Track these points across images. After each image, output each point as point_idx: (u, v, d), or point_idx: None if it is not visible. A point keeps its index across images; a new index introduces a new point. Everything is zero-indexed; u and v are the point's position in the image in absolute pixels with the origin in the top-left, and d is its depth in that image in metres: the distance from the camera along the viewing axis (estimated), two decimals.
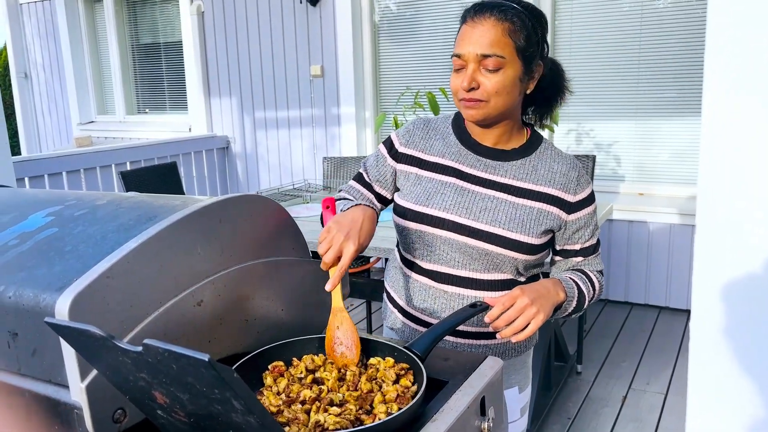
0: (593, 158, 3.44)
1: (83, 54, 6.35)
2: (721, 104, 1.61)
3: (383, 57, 4.77)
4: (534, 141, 1.37)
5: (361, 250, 1.16)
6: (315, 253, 1.18)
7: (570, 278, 1.32)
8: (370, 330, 3.65)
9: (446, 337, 1.38)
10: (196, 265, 0.99)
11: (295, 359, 1.08)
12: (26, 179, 4.04)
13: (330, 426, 0.88)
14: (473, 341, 1.39)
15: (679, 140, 3.93)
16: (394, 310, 1.48)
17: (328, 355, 1.08)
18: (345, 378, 1.02)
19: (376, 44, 4.76)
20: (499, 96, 1.24)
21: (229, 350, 1.07)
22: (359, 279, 3.36)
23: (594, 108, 4.12)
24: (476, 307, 1.16)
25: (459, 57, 1.25)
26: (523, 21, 1.23)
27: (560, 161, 1.35)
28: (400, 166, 1.41)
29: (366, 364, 1.07)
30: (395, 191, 1.44)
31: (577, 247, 1.36)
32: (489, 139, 1.35)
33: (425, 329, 1.26)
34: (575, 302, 1.29)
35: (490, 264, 1.32)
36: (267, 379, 1.02)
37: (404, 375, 1.01)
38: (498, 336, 1.15)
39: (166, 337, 0.94)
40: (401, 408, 0.90)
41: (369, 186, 1.45)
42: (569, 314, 1.31)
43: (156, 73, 6.07)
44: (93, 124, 6.45)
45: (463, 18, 1.27)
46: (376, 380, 1.01)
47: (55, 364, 0.88)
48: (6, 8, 6.58)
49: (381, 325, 3.79)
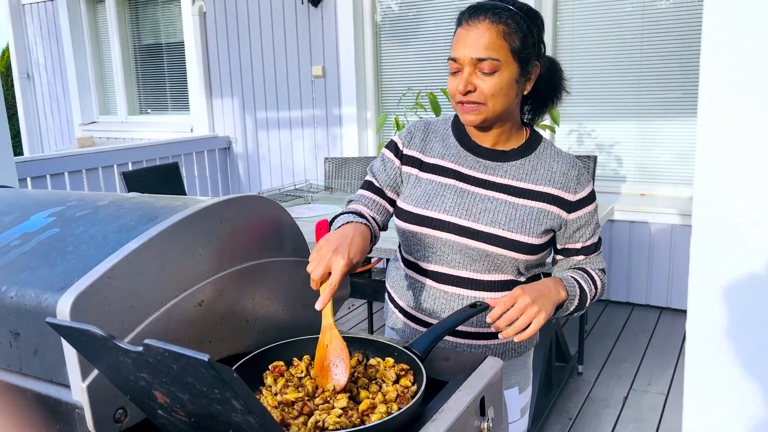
0: (594, 159, 3.44)
1: (85, 54, 6.37)
2: (718, 104, 1.61)
3: (385, 57, 4.77)
4: (533, 141, 1.37)
5: (352, 266, 1.10)
6: None
7: (571, 277, 1.32)
8: (372, 330, 3.65)
9: (446, 338, 1.39)
10: (197, 266, 0.99)
11: (296, 359, 1.08)
12: (28, 179, 4.04)
13: (330, 426, 0.88)
14: (473, 341, 1.39)
15: (681, 141, 3.93)
16: (395, 311, 1.48)
17: (316, 375, 1.02)
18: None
19: (378, 45, 4.77)
20: (496, 98, 1.24)
21: (230, 350, 1.07)
22: (361, 279, 3.37)
23: (595, 108, 4.12)
24: (476, 308, 1.16)
25: (455, 60, 1.25)
26: (518, 23, 1.23)
27: (560, 160, 1.35)
28: (404, 168, 1.41)
29: (366, 364, 1.07)
30: None
31: (578, 246, 1.37)
32: (488, 140, 1.35)
33: (426, 329, 1.27)
34: (577, 301, 1.29)
35: (491, 265, 1.32)
36: (267, 379, 1.03)
37: (404, 375, 1.01)
38: (500, 336, 1.14)
39: (167, 338, 0.94)
40: (401, 408, 0.91)
41: (380, 192, 1.42)
42: (571, 313, 1.31)
43: (158, 74, 6.08)
44: (95, 125, 6.46)
45: (459, 21, 1.27)
46: (376, 380, 1.01)
47: (57, 364, 0.88)
48: (8, 9, 6.60)
49: (382, 326, 3.79)
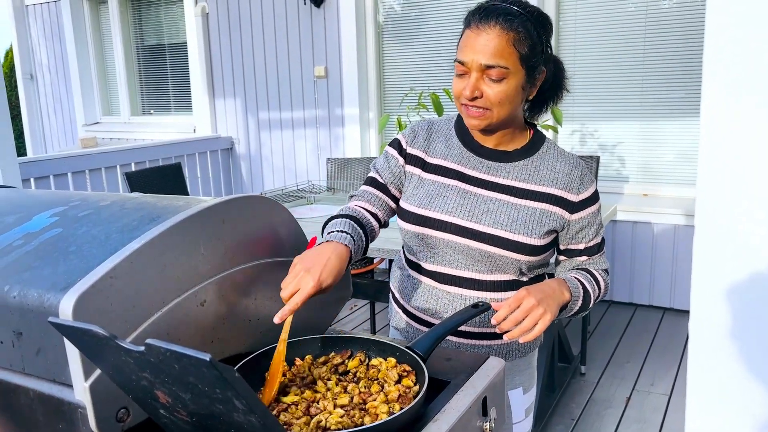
0: (597, 159, 3.44)
1: (88, 55, 6.38)
2: (721, 104, 1.61)
3: (387, 58, 4.77)
4: (536, 141, 1.37)
5: (322, 287, 1.09)
6: None
7: (575, 278, 1.31)
8: (374, 331, 3.65)
9: (450, 338, 1.39)
10: (199, 266, 0.99)
11: (298, 359, 1.08)
12: (32, 180, 4.05)
13: (332, 426, 0.89)
14: (477, 342, 1.39)
15: (684, 141, 3.92)
16: (399, 311, 1.48)
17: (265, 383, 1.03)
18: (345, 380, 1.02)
19: (380, 45, 4.77)
20: (502, 105, 1.23)
21: (232, 350, 1.07)
22: (363, 280, 3.37)
23: (598, 108, 4.11)
24: (478, 308, 1.16)
25: (462, 64, 1.24)
26: (528, 30, 1.21)
27: (563, 161, 1.34)
28: (407, 167, 1.41)
29: (368, 365, 1.07)
30: None
31: (581, 247, 1.36)
32: (491, 141, 1.35)
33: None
34: (580, 301, 1.29)
35: (493, 265, 1.32)
36: None
37: (406, 375, 1.01)
38: (505, 337, 1.13)
39: (169, 337, 0.94)
40: (403, 408, 0.91)
41: (384, 188, 1.42)
42: (575, 313, 1.31)
43: (161, 75, 6.09)
44: (98, 125, 6.47)
45: (467, 22, 1.25)
46: (378, 380, 1.01)
47: (59, 364, 0.89)
48: (12, 10, 6.61)
49: (384, 326, 3.80)
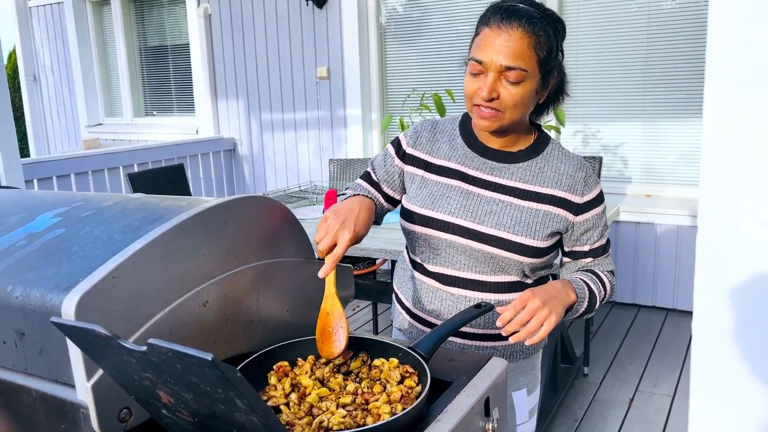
0: (600, 160, 3.43)
1: (91, 57, 6.39)
2: (724, 104, 1.60)
3: (389, 59, 4.78)
4: (541, 142, 1.36)
5: (357, 239, 1.17)
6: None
7: (580, 279, 1.31)
8: (377, 331, 3.65)
9: (453, 339, 1.38)
10: (202, 266, 0.99)
11: (300, 359, 1.08)
12: (35, 181, 4.06)
13: (334, 426, 0.88)
14: (481, 343, 1.38)
15: (687, 141, 3.91)
16: (402, 311, 1.48)
17: (317, 341, 1.09)
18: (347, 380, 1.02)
19: (383, 46, 4.77)
20: (516, 108, 1.23)
21: (234, 350, 1.07)
22: (366, 281, 3.37)
23: (601, 109, 4.11)
24: (480, 308, 1.16)
25: (480, 63, 1.21)
26: (548, 34, 1.20)
27: (567, 162, 1.33)
28: (407, 168, 1.41)
29: (370, 365, 1.07)
30: (403, 192, 1.44)
31: (586, 249, 1.36)
32: (496, 142, 1.34)
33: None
34: (586, 303, 1.28)
35: (496, 266, 1.32)
36: (271, 379, 1.03)
37: (409, 376, 1.01)
38: (510, 339, 1.12)
39: (172, 337, 0.94)
40: (405, 408, 0.91)
41: (377, 185, 1.45)
42: (581, 315, 1.30)
43: (163, 76, 6.11)
44: (101, 127, 6.48)
45: (486, 20, 1.22)
46: (381, 381, 1.01)
47: (62, 364, 0.89)
48: (15, 12, 6.64)
49: (387, 327, 3.80)
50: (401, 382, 1.00)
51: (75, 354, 0.84)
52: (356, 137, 4.83)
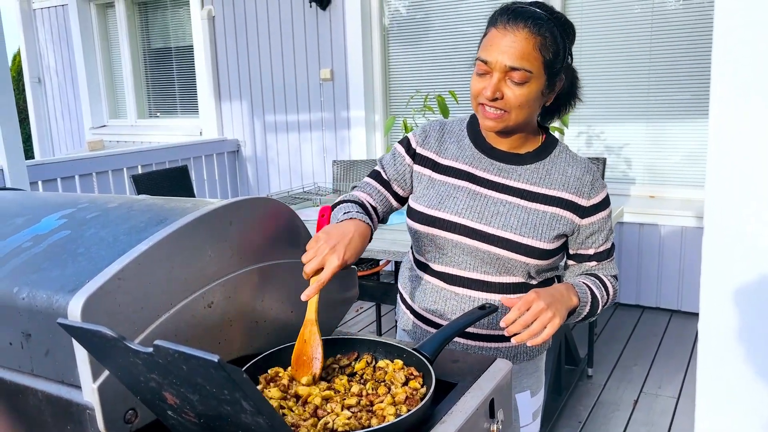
0: (603, 161, 3.43)
1: (95, 59, 6.41)
2: (729, 105, 1.60)
3: (393, 60, 4.78)
4: (548, 144, 1.36)
5: (345, 265, 1.12)
6: None
7: (583, 283, 1.31)
8: (380, 333, 3.65)
9: (458, 340, 1.38)
10: (207, 267, 0.99)
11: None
12: (39, 183, 4.07)
13: (339, 428, 0.88)
14: (485, 344, 1.38)
15: (691, 142, 3.91)
16: (407, 311, 1.48)
17: (292, 365, 1.04)
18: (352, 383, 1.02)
19: (386, 47, 4.77)
20: (521, 109, 1.23)
21: (240, 352, 1.07)
22: (369, 282, 3.37)
23: (604, 110, 4.10)
24: (485, 309, 1.16)
25: (485, 63, 1.22)
26: (555, 36, 1.20)
27: (574, 165, 1.34)
28: (416, 167, 1.41)
29: (375, 366, 1.07)
30: (412, 191, 1.44)
31: (591, 252, 1.36)
32: (504, 143, 1.35)
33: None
34: (589, 307, 1.28)
35: (502, 267, 1.32)
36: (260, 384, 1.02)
37: (413, 377, 1.01)
38: (513, 340, 1.12)
39: (177, 339, 0.95)
40: (410, 410, 0.91)
41: (387, 184, 1.43)
42: (583, 319, 1.31)
43: (167, 78, 6.12)
44: (105, 128, 6.50)
45: (494, 20, 1.23)
46: (385, 382, 1.01)
47: (68, 365, 0.89)
48: (20, 14, 6.66)
49: (391, 328, 3.79)
50: (406, 384, 1.00)
51: (81, 355, 0.85)
52: (359, 139, 4.83)
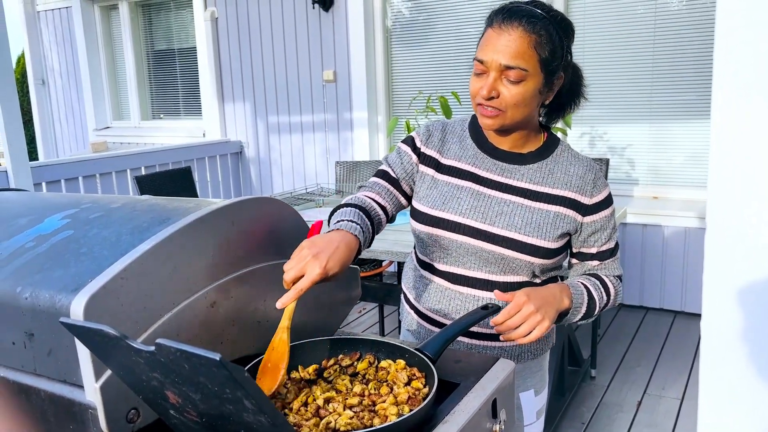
0: (607, 161, 3.42)
1: (99, 61, 6.43)
2: (732, 106, 1.60)
3: (395, 61, 4.78)
4: (551, 144, 1.36)
5: (328, 276, 1.06)
6: None
7: (581, 284, 1.31)
8: (383, 333, 3.65)
9: (461, 339, 1.38)
10: (209, 267, 1.00)
11: (301, 366, 1.06)
12: (43, 184, 4.08)
13: (341, 427, 0.88)
14: (489, 343, 1.38)
15: (694, 143, 3.90)
16: (411, 311, 1.48)
17: (259, 371, 1.01)
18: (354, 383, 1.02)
19: (389, 49, 4.78)
20: (517, 108, 1.23)
21: (242, 351, 1.08)
22: (372, 283, 3.37)
23: (607, 111, 4.10)
24: (488, 309, 1.16)
25: (481, 62, 1.23)
26: (551, 34, 1.21)
27: (577, 164, 1.34)
28: (421, 166, 1.41)
29: (377, 367, 1.07)
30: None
31: (594, 251, 1.35)
32: (505, 143, 1.35)
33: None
34: (584, 309, 1.28)
35: (506, 267, 1.32)
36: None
37: (416, 378, 1.01)
38: (501, 338, 1.16)
39: (179, 338, 0.95)
40: (413, 410, 0.91)
41: (396, 182, 1.41)
42: (581, 319, 1.31)
43: (170, 79, 6.13)
44: (109, 130, 6.52)
45: (490, 21, 1.24)
46: (388, 382, 1.01)
47: (70, 364, 0.89)
48: (24, 16, 6.68)
49: (394, 329, 3.79)
50: (408, 384, 1.00)
51: (84, 355, 0.85)
52: (362, 140, 4.83)
